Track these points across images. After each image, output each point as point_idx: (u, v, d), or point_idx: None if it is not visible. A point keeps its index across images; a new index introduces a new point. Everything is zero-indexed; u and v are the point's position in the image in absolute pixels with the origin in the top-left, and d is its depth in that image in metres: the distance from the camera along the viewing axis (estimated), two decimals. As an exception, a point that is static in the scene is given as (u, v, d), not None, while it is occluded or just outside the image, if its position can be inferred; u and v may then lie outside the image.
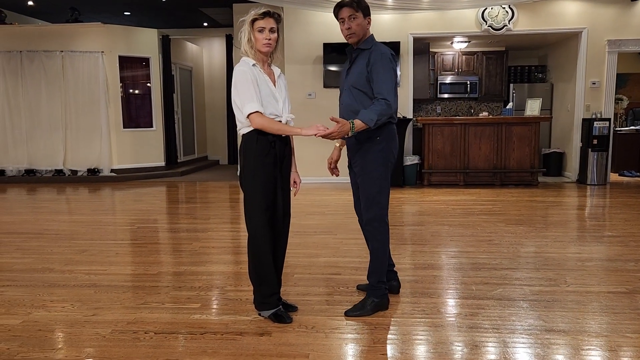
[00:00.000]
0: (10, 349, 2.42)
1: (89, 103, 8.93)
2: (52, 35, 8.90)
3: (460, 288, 3.24)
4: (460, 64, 9.69)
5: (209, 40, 11.51)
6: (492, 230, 4.82)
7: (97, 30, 8.92)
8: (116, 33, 9.02)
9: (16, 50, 8.82)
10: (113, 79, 8.98)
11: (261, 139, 2.60)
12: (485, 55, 9.60)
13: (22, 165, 9.07)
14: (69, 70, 8.88)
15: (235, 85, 2.59)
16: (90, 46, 8.87)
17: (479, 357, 2.31)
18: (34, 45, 8.85)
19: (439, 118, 7.75)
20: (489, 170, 7.65)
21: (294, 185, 2.85)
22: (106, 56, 8.87)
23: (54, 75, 8.88)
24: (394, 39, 7.92)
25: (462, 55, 9.64)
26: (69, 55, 8.85)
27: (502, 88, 9.65)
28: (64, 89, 8.92)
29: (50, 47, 8.84)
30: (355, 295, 3.11)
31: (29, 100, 8.94)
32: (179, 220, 5.72)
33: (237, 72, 2.59)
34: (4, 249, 4.42)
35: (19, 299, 3.12)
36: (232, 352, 2.37)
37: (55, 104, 8.94)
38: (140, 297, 3.14)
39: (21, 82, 8.90)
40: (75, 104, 8.94)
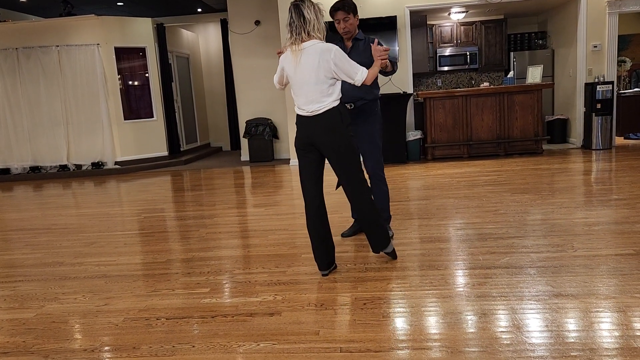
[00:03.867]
0: (26, 342, 2.46)
1: (88, 97, 8.93)
2: (46, 30, 8.85)
3: (468, 259, 3.25)
4: (459, 35, 9.57)
5: (204, 26, 11.41)
6: (498, 200, 4.81)
7: (91, 22, 8.86)
8: (110, 24, 8.96)
9: (12, 48, 8.79)
10: (110, 71, 8.95)
11: (344, 109, 3.01)
12: (483, 25, 9.46)
13: (26, 162, 9.12)
14: (66, 65, 8.85)
15: (342, 60, 2.91)
16: (86, 39, 8.83)
17: (489, 325, 2.33)
18: (30, 42, 8.81)
19: (440, 91, 7.68)
20: (493, 141, 7.61)
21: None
22: (102, 48, 8.83)
23: (51, 71, 8.86)
24: (390, 13, 7.82)
25: (461, 26, 9.51)
26: (65, 50, 8.81)
27: (502, 57, 9.53)
28: (62, 84, 8.90)
29: (45, 43, 8.80)
30: (363, 272, 3.12)
31: (28, 97, 8.95)
32: (185, 208, 5.75)
33: (338, 50, 2.93)
34: (14, 245, 4.47)
35: (31, 293, 3.16)
36: (244, 333, 2.39)
37: (54, 100, 8.93)
38: (150, 285, 3.18)
39: (19, 80, 8.90)
40: (75, 98, 8.94)
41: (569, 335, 2.20)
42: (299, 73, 2.94)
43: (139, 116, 9.41)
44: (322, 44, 2.93)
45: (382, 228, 3.18)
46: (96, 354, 2.30)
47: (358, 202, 3.11)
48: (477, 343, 2.17)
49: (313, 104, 2.94)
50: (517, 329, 2.27)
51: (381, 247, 3.22)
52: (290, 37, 2.93)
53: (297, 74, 2.96)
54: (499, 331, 2.26)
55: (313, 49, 2.91)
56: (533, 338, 2.19)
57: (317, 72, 2.90)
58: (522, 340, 2.17)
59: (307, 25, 2.89)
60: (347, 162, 3.00)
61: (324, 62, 2.89)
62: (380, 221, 3.16)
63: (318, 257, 3.11)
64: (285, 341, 2.28)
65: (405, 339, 2.25)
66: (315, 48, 2.90)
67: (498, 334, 2.23)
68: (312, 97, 2.94)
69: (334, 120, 2.94)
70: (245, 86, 9.31)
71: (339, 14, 3.51)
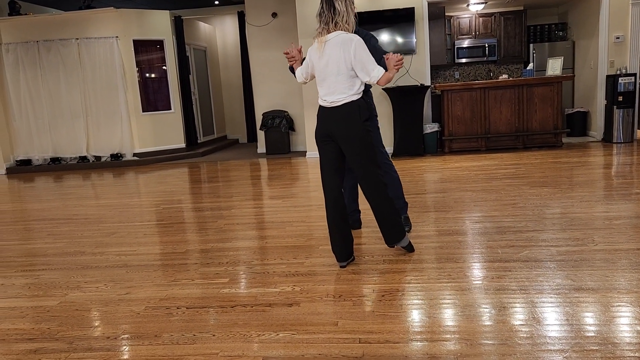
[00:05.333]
0: (50, 329, 2.52)
1: (107, 89, 9.03)
2: (66, 23, 8.96)
3: (486, 252, 3.23)
4: (477, 27, 9.45)
5: (221, 18, 11.44)
6: (516, 194, 4.77)
7: (110, 15, 8.94)
8: (129, 17, 9.03)
9: (33, 41, 8.92)
10: (129, 64, 9.04)
11: (364, 104, 3.03)
12: (503, 16, 9.34)
13: (47, 154, 9.26)
14: (85, 58, 8.96)
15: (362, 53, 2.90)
16: (105, 32, 8.91)
17: (508, 318, 2.32)
18: (50, 35, 8.93)
19: (458, 84, 7.61)
20: (511, 133, 7.53)
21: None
22: (121, 41, 8.91)
23: (71, 63, 8.97)
24: (408, 4, 7.76)
25: (479, 17, 9.39)
26: (85, 42, 8.91)
27: (521, 49, 9.40)
28: (82, 77, 9.01)
29: (65, 35, 8.91)
30: (381, 264, 3.13)
31: (49, 89, 9.08)
32: (202, 199, 5.80)
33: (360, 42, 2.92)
34: (37, 235, 4.56)
35: (54, 281, 3.23)
36: (263, 323, 2.42)
37: (74, 92, 9.05)
38: (170, 274, 3.22)
39: (40, 72, 9.03)
40: (94, 90, 9.05)
41: (589, 329, 2.18)
42: (322, 64, 2.96)
43: (156, 108, 9.50)
44: (345, 35, 2.92)
45: (397, 222, 3.16)
46: (119, 341, 2.35)
47: (373, 196, 3.10)
48: (495, 335, 2.17)
49: (333, 95, 2.96)
50: (537, 322, 2.26)
51: (396, 240, 3.21)
52: (319, 27, 2.95)
53: (320, 65, 2.98)
54: (518, 324, 2.25)
55: (336, 39, 2.92)
56: (553, 331, 2.17)
57: (338, 63, 2.92)
58: (542, 334, 2.16)
59: (337, 16, 2.89)
60: (361, 155, 3.00)
61: (346, 52, 2.89)
62: (394, 215, 3.14)
63: (336, 248, 3.12)
64: (304, 331, 2.30)
65: (423, 330, 2.26)
66: (338, 39, 2.91)
67: (517, 327, 2.23)
68: (334, 88, 2.96)
69: (352, 114, 2.95)
70: (262, 78, 9.32)
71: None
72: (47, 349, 2.30)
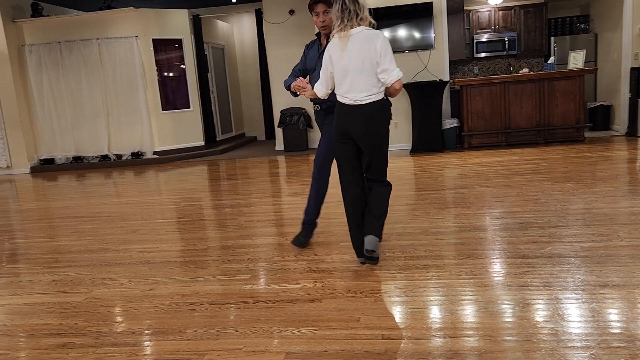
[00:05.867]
0: (77, 324, 2.57)
1: (127, 88, 9.14)
2: (87, 23, 9.09)
3: (508, 248, 3.20)
4: (496, 21, 9.34)
5: (239, 16, 11.49)
6: (538, 189, 4.71)
7: (130, 15, 9.05)
8: (148, 16, 9.12)
9: (55, 41, 9.07)
10: (149, 63, 9.13)
11: (388, 104, 2.99)
12: (523, 9, 9.21)
13: (69, 152, 9.42)
14: (106, 57, 9.08)
15: (387, 51, 2.84)
16: (125, 32, 9.02)
17: (532, 315, 2.30)
18: (72, 35, 9.07)
19: (477, 78, 7.53)
20: (532, 128, 7.43)
21: None
22: (140, 40, 9.01)
23: (92, 63, 9.11)
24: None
25: (499, 11, 9.28)
26: (105, 42, 9.04)
27: (542, 42, 9.26)
28: (102, 76, 9.14)
29: (86, 36, 9.05)
30: (402, 260, 3.12)
31: (70, 89, 9.23)
32: (222, 196, 5.84)
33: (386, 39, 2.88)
34: (62, 232, 4.65)
35: (80, 278, 3.29)
36: (285, 319, 2.43)
37: (95, 91, 9.19)
38: (192, 271, 3.26)
39: (62, 72, 9.18)
40: (115, 90, 9.17)
41: (616, 325, 2.15)
42: (344, 60, 2.87)
43: (175, 107, 9.59)
44: (370, 30, 2.86)
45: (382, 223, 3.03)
46: (144, 336, 2.38)
47: (378, 196, 3.02)
48: (519, 332, 2.15)
49: (357, 93, 2.87)
50: (561, 319, 2.23)
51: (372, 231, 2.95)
52: (340, 23, 2.83)
53: (342, 61, 2.88)
54: (542, 321, 2.23)
55: (361, 35, 2.83)
56: (578, 328, 2.15)
57: (363, 59, 2.83)
58: (567, 330, 2.13)
59: (361, 11, 2.83)
60: (380, 156, 2.97)
61: (372, 49, 2.81)
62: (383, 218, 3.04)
63: (356, 244, 3.11)
64: (326, 327, 2.31)
65: (446, 326, 2.25)
66: (364, 34, 2.83)
67: (541, 324, 2.20)
68: (357, 85, 2.87)
69: (375, 113, 2.89)
70: (280, 76, 9.33)
71: (319, 7, 3.26)
72: (74, 344, 2.35)
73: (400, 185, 5.51)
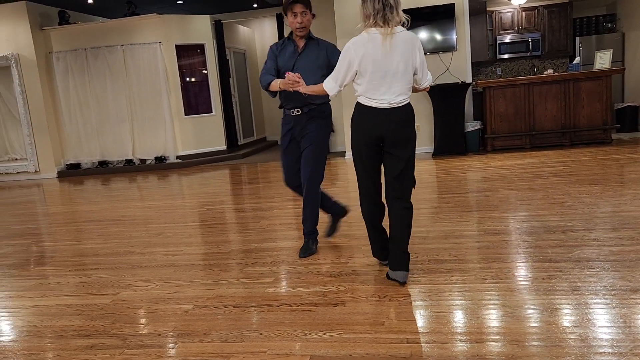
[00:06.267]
0: (105, 326, 2.61)
1: (151, 93, 9.28)
2: (112, 30, 9.27)
3: (535, 252, 3.15)
4: (520, 21, 9.23)
5: (260, 21, 11.58)
6: (565, 192, 4.62)
7: (153, 21, 9.19)
8: (171, 23, 9.25)
9: (81, 48, 9.26)
10: (172, 68, 9.26)
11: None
12: (547, 10, 9.08)
13: (95, 157, 9.60)
14: (130, 63, 9.24)
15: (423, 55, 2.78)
16: (148, 38, 9.17)
17: (560, 320, 2.25)
18: (97, 42, 9.26)
19: (500, 80, 7.44)
20: (557, 130, 7.30)
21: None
22: (164, 46, 9.14)
23: (117, 69, 9.27)
24: (448, 1, 7.64)
25: (522, 11, 9.17)
26: (129, 49, 9.19)
27: (567, 42, 9.12)
28: (127, 82, 9.30)
29: (111, 42, 9.22)
30: (426, 263, 3.09)
31: (96, 95, 9.41)
32: (244, 200, 5.88)
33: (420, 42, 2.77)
34: (88, 235, 4.73)
35: (107, 280, 3.34)
36: (309, 322, 2.43)
37: (120, 97, 9.35)
38: (216, 274, 3.28)
39: (88, 79, 9.37)
40: (139, 95, 9.32)
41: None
42: (387, 61, 2.65)
43: (198, 111, 9.70)
44: (408, 32, 2.70)
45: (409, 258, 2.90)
46: (170, 338, 2.41)
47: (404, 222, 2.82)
48: (547, 337, 2.11)
49: (395, 96, 2.70)
50: (591, 324, 2.18)
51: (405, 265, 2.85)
52: (381, 18, 2.61)
53: (384, 62, 2.65)
54: (571, 326, 2.19)
55: (403, 35, 2.67)
56: (609, 334, 2.10)
57: (405, 62, 2.67)
58: (597, 336, 2.09)
59: (400, 5, 2.64)
60: (410, 159, 2.81)
61: (414, 53, 2.70)
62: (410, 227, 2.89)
63: (376, 248, 3.07)
64: (350, 331, 2.31)
65: (472, 331, 2.22)
66: (404, 35, 2.67)
67: (570, 329, 2.16)
68: (396, 88, 2.69)
69: (409, 115, 2.78)
70: (301, 80, 9.37)
71: (297, 7, 3.20)
72: (102, 345, 2.39)
73: (423, 188, 5.47)
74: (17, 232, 5.11)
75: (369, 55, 2.65)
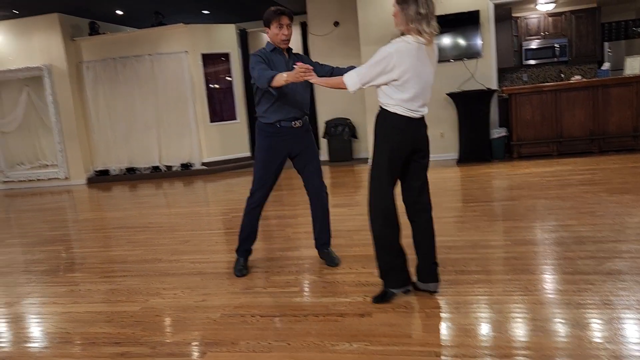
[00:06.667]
0: (134, 333, 2.66)
1: (177, 101, 9.43)
2: (140, 40, 9.47)
3: (564, 263, 3.10)
4: (546, 27, 9.11)
5: (284, 29, 11.66)
6: (594, 201, 4.53)
7: (180, 31, 9.36)
8: (197, 32, 9.41)
9: (110, 58, 9.48)
10: (198, 76, 9.40)
11: None
12: (574, 15, 8.95)
13: (123, 164, 9.79)
14: (157, 72, 9.41)
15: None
16: (175, 47, 9.33)
17: (591, 335, 2.21)
18: (125, 51, 9.46)
19: (526, 86, 7.35)
20: (586, 137, 7.17)
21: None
22: (190, 55, 9.29)
23: (144, 78, 9.46)
24: (472, 7, 7.59)
25: (548, 16, 9.05)
26: (157, 58, 9.37)
27: (595, 48, 8.97)
28: (154, 90, 9.47)
29: (139, 52, 9.41)
30: (452, 274, 3.07)
31: (124, 103, 9.61)
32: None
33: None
34: (117, 242, 4.82)
35: (136, 287, 3.41)
36: (336, 333, 2.44)
37: (147, 105, 9.53)
38: (242, 282, 3.31)
39: (116, 87, 9.57)
40: (166, 103, 9.48)
41: (685, 349, 2.04)
42: (427, 70, 2.58)
43: (222, 119, 9.82)
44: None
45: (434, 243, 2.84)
46: (198, 347, 2.44)
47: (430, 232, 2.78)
48: (578, 353, 2.07)
49: (426, 106, 2.67)
50: (625, 340, 2.14)
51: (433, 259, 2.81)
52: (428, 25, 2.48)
53: (425, 71, 2.57)
54: (604, 341, 2.14)
55: (434, 45, 2.61)
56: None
57: (435, 72, 2.65)
58: (631, 353, 2.04)
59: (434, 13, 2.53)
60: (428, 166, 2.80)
61: (436, 62, 2.67)
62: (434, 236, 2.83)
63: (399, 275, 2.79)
64: (378, 342, 2.30)
65: (500, 345, 2.19)
66: (435, 45, 2.62)
67: (603, 344, 2.12)
68: (428, 98, 2.65)
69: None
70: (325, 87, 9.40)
71: (284, 19, 3.21)
72: (132, 353, 2.43)
73: (448, 196, 5.43)
74: (49, 238, 5.24)
75: (414, 67, 2.51)
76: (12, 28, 9.41)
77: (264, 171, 3.45)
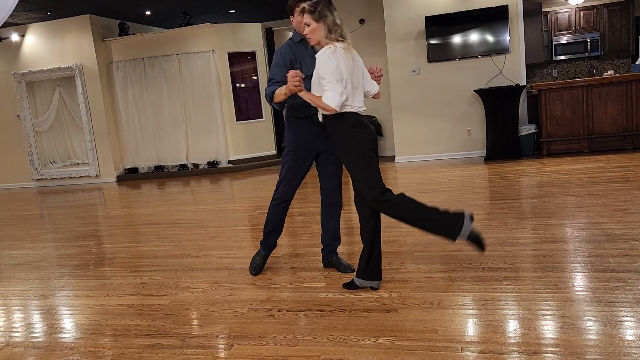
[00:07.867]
0: (164, 326, 2.72)
1: (204, 100, 9.56)
2: (168, 40, 9.63)
3: (595, 261, 3.03)
4: (577, 21, 8.90)
5: (309, 27, 11.68)
6: (627, 199, 4.42)
7: (207, 30, 9.48)
8: (224, 31, 9.51)
9: (139, 58, 9.67)
10: (224, 75, 9.51)
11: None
12: (606, 8, 8.71)
13: (151, 162, 9.98)
14: (185, 71, 9.56)
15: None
16: (202, 46, 9.46)
17: (623, 333, 2.16)
18: (154, 51, 9.64)
19: (557, 82, 7.20)
20: (618, 133, 6.99)
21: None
22: (217, 54, 9.40)
23: (172, 78, 9.61)
24: (501, 2, 7.47)
25: (580, 11, 8.84)
26: (185, 57, 9.51)
27: (628, 42, 8.72)
28: (181, 89, 9.63)
29: (167, 52, 9.57)
30: (479, 271, 3.04)
31: (153, 102, 9.79)
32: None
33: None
34: (146, 238, 4.92)
35: (165, 282, 3.47)
36: (362, 328, 2.44)
37: (175, 104, 9.69)
38: (269, 277, 3.35)
39: (145, 87, 9.76)
40: (193, 102, 9.62)
41: None
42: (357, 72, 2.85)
43: (248, 117, 9.91)
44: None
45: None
46: (226, 340, 2.48)
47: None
48: (610, 351, 2.03)
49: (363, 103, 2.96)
50: (659, 339, 2.09)
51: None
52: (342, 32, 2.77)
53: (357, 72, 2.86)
54: (636, 340, 2.09)
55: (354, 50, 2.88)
56: (678, 350, 2.00)
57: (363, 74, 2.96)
58: (665, 352, 1.99)
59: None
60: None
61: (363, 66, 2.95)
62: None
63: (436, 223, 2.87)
64: (404, 338, 2.30)
65: (529, 342, 2.17)
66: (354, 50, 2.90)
67: (636, 343, 2.07)
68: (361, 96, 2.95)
69: None
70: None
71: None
72: (162, 345, 2.49)
73: (476, 193, 5.38)
74: (81, 234, 5.38)
75: (349, 68, 2.75)
76: (46, 29, 9.68)
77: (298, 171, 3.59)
